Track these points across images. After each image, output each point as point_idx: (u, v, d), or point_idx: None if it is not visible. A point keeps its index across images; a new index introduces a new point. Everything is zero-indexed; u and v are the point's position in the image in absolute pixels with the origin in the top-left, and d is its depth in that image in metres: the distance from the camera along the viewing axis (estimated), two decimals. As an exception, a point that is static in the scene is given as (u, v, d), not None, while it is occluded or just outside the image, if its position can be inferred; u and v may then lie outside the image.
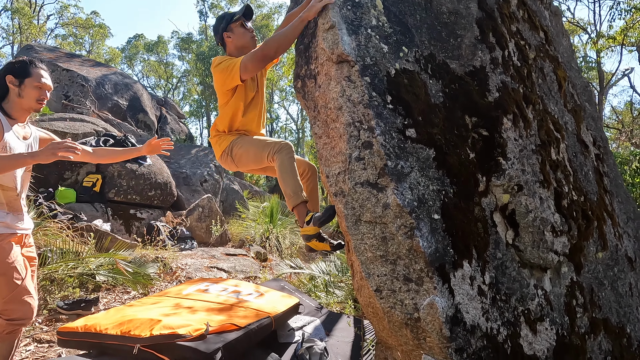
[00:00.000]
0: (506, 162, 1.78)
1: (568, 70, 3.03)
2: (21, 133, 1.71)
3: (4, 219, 1.62)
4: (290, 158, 1.71)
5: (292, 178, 1.68)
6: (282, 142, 1.75)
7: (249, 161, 1.94)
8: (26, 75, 1.65)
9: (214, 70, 1.90)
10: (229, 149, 1.98)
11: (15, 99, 1.65)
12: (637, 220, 3.31)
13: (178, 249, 4.88)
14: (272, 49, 1.72)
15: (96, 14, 25.02)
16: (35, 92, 1.66)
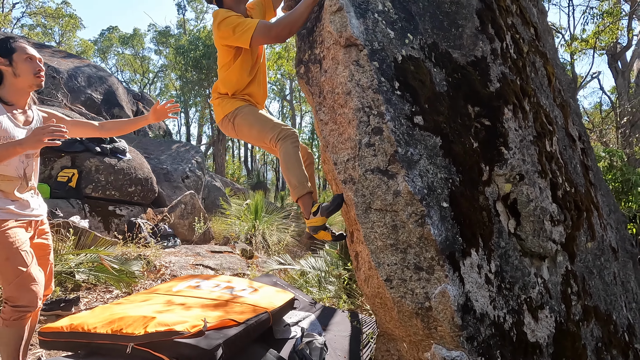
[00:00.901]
0: (508, 151, 1.79)
1: (555, 66, 3.11)
2: (21, 119, 1.60)
3: (9, 206, 1.55)
4: (295, 147, 1.65)
5: (298, 168, 1.62)
6: (288, 129, 1.69)
7: (250, 136, 1.86)
8: (11, 51, 1.55)
9: (219, 24, 1.76)
10: (233, 115, 1.88)
11: (12, 81, 1.55)
12: (617, 212, 3.45)
13: (161, 247, 4.70)
14: (285, 29, 1.64)
15: (67, 3, 23.81)
16: (29, 66, 1.56)
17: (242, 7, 1.90)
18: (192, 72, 12.92)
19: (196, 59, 12.33)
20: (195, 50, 12.46)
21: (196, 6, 23.45)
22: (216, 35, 1.81)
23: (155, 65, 27.70)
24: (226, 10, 1.79)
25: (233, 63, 1.86)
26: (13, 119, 1.57)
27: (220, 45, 1.84)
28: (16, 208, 1.58)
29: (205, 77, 12.96)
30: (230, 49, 1.83)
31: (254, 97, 1.95)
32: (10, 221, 1.54)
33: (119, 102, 12.68)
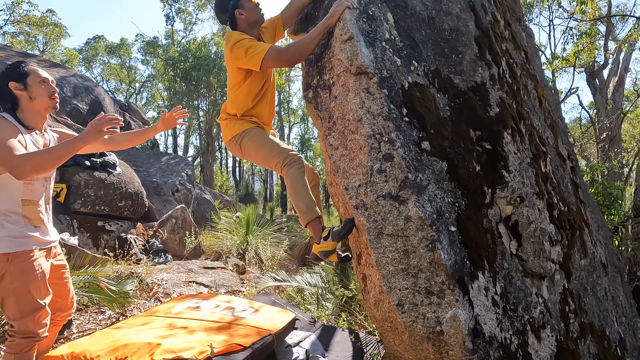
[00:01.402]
0: (508, 174, 1.85)
1: (544, 87, 3.24)
2: (40, 141, 1.61)
3: (33, 233, 1.55)
4: (301, 173, 1.67)
5: (305, 193, 1.64)
6: (294, 155, 1.70)
7: (256, 158, 1.88)
8: (25, 75, 1.56)
9: (232, 46, 1.79)
10: (240, 137, 1.90)
11: (28, 104, 1.57)
12: (604, 227, 3.57)
13: (152, 263, 4.60)
14: (295, 55, 1.68)
15: (52, 12, 23.48)
16: (44, 89, 1.58)
17: (255, 31, 1.93)
18: (181, 84, 12.85)
19: (186, 71, 12.28)
20: (185, 61, 12.43)
21: (185, 17, 23.47)
22: (228, 57, 1.84)
23: (142, 75, 27.45)
24: (239, 33, 1.82)
25: (242, 84, 1.90)
26: (35, 141, 1.58)
27: (232, 67, 1.87)
28: (40, 235, 1.58)
29: (194, 89, 12.91)
30: (240, 70, 1.86)
31: (261, 117, 1.97)
32: (35, 250, 1.54)
33: (105, 112, 12.50)
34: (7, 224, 1.49)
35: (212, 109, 13.45)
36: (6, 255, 1.45)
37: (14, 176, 1.38)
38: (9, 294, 1.47)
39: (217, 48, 13.47)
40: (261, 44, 1.75)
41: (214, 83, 12.87)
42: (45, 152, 1.41)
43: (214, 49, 13.50)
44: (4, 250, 1.45)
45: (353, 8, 1.56)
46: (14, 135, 1.45)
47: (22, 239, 1.50)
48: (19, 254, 1.48)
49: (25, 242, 1.50)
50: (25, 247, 1.50)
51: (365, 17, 1.61)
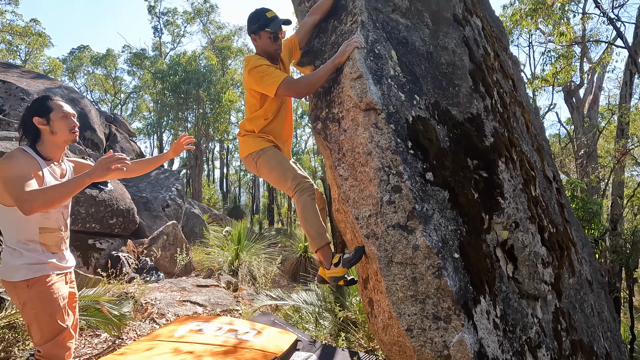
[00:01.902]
0: (504, 201, 1.97)
1: (529, 112, 3.43)
2: (57, 172, 1.68)
3: (51, 259, 1.59)
4: (312, 200, 1.74)
5: (316, 220, 1.71)
6: (306, 182, 1.77)
7: (270, 178, 1.96)
8: (49, 110, 1.63)
9: (250, 70, 1.88)
10: (257, 155, 1.98)
11: (49, 138, 1.64)
12: (587, 245, 3.75)
13: (144, 282, 4.53)
14: (305, 89, 1.78)
15: (36, 22, 23.16)
16: (65, 123, 1.65)
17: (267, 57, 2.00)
18: (170, 96, 12.81)
19: (175, 84, 12.27)
20: (174, 75, 12.42)
21: (173, 30, 23.49)
22: (245, 79, 1.94)
23: (128, 86, 27.17)
24: (257, 58, 1.91)
25: (259, 105, 1.99)
26: (52, 172, 1.63)
27: (248, 89, 1.97)
28: (57, 261, 1.61)
29: (183, 102, 12.88)
30: (256, 92, 1.95)
31: (277, 135, 2.04)
32: (52, 275, 1.57)
33: (91, 124, 12.28)
34: (26, 252, 1.53)
35: (201, 122, 13.43)
36: (26, 282, 1.50)
37: (22, 211, 1.41)
38: (32, 320, 1.50)
39: (207, 62, 13.54)
40: (276, 73, 1.84)
41: (203, 96, 12.88)
42: (52, 189, 1.45)
43: (203, 62, 13.57)
44: (23, 277, 1.49)
45: (361, 47, 1.67)
46: (30, 170, 1.50)
47: (40, 266, 1.54)
48: (37, 279, 1.52)
49: (43, 268, 1.55)
50: (43, 273, 1.54)
51: (372, 55, 1.71)
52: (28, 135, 1.62)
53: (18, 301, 1.51)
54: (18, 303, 1.52)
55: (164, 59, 21.90)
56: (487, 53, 2.62)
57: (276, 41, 1.93)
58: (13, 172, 1.45)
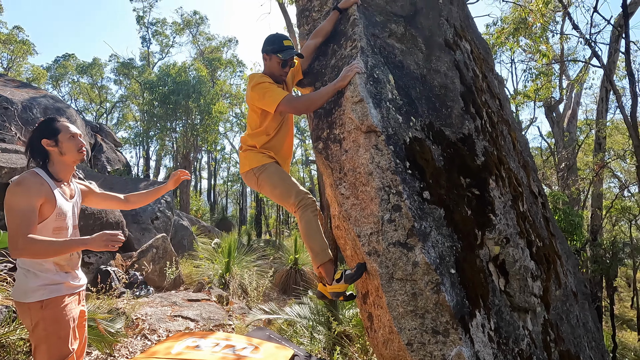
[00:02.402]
0: (495, 217, 2.06)
1: (515, 130, 3.59)
2: (67, 192, 1.72)
3: (65, 279, 1.60)
4: (315, 216, 1.79)
5: (319, 236, 1.76)
6: (308, 198, 1.83)
7: (272, 195, 2.00)
8: (57, 132, 1.67)
9: (251, 87, 1.97)
10: (259, 171, 2.01)
11: (59, 159, 1.67)
12: (571, 257, 3.90)
13: (134, 297, 4.46)
14: (304, 106, 1.87)
15: (20, 29, 22.80)
16: (72, 144, 1.69)
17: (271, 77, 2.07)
18: (159, 107, 12.75)
19: (164, 95, 12.22)
20: (163, 85, 12.38)
21: (162, 40, 23.47)
22: (248, 96, 2.01)
23: (114, 95, 26.85)
24: (261, 75, 1.98)
25: (259, 121, 2.05)
26: (63, 193, 1.67)
27: (251, 105, 2.04)
28: (71, 281, 1.63)
29: (172, 112, 12.82)
30: (258, 109, 2.02)
31: (277, 151, 2.10)
32: (66, 296, 1.58)
33: (76, 134, 12.10)
34: (40, 272, 1.55)
35: (190, 133, 13.36)
36: (40, 302, 1.51)
37: (10, 251, 1.44)
38: (42, 342, 1.50)
39: (197, 73, 13.56)
40: (278, 91, 1.92)
41: (193, 107, 12.86)
42: (46, 244, 1.46)
43: (193, 73, 13.59)
44: (38, 298, 1.51)
45: (362, 72, 1.76)
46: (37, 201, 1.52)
47: (55, 286, 1.56)
48: (52, 300, 1.53)
49: (58, 289, 1.56)
50: (58, 294, 1.55)
51: (372, 80, 1.80)
52: (37, 157, 1.66)
53: (30, 322, 1.51)
54: (30, 324, 1.52)
55: (152, 68, 21.80)
56: (476, 75, 2.76)
57: (284, 68, 2.02)
58: (19, 204, 1.47)
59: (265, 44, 2.05)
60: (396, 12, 2.28)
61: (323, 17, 2.28)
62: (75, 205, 1.75)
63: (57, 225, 1.60)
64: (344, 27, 2.07)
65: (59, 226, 1.61)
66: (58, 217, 1.60)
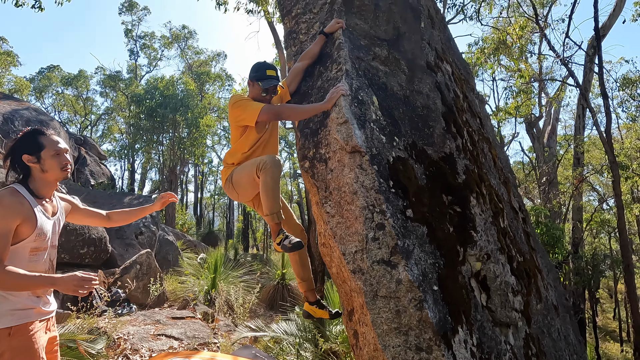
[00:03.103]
0: (476, 234, 2.13)
1: (496, 147, 3.71)
2: (49, 210, 1.64)
3: (37, 304, 1.52)
4: (272, 176, 1.87)
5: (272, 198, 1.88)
6: (266, 158, 1.90)
7: (247, 186, 2.06)
8: (40, 147, 1.57)
9: (231, 106, 2.08)
10: (231, 176, 2.12)
11: (40, 175, 1.59)
12: (552, 271, 4.00)
13: (115, 315, 4.35)
14: (287, 115, 1.99)
15: (3, 40, 22.53)
16: (56, 161, 1.60)
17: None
18: (145, 120, 12.67)
19: (151, 108, 12.16)
20: (151, 99, 12.34)
21: (150, 53, 23.47)
22: (230, 114, 2.11)
23: (99, 107, 26.54)
24: (240, 95, 2.09)
25: (240, 138, 2.14)
26: (44, 210, 1.60)
27: (232, 124, 2.14)
28: (42, 306, 1.55)
29: (159, 125, 12.75)
30: (239, 127, 2.11)
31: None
32: (35, 322, 1.50)
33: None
34: (11, 296, 1.46)
35: (177, 146, 13.28)
36: (8, 329, 1.41)
37: None
38: None
39: (185, 87, 13.58)
40: (257, 104, 2.02)
41: (180, 121, 12.82)
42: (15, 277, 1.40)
43: (181, 87, 13.60)
44: (5, 324, 1.41)
45: (347, 95, 1.82)
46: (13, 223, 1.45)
47: (25, 312, 1.47)
48: (20, 327, 1.44)
49: (27, 315, 1.48)
50: (27, 320, 1.47)
51: (357, 102, 1.87)
52: (17, 171, 1.57)
53: None
54: None
55: (140, 81, 21.70)
56: (457, 96, 2.88)
57: (265, 96, 2.11)
58: None
59: (251, 71, 2.17)
60: (380, 36, 2.37)
61: (310, 39, 2.36)
62: (57, 222, 1.67)
63: (35, 245, 1.53)
64: (330, 50, 2.15)
65: (37, 247, 1.54)
66: (38, 237, 1.53)
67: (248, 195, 2.16)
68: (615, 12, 10.03)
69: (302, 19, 2.44)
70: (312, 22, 2.39)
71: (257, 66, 2.16)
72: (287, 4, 2.58)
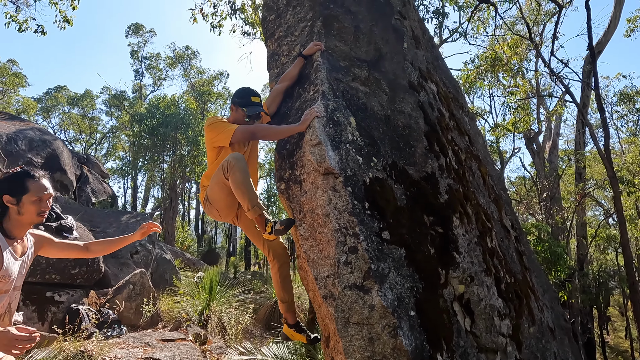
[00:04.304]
0: (459, 255, 2.07)
1: (487, 164, 3.68)
2: (18, 250, 1.60)
3: None
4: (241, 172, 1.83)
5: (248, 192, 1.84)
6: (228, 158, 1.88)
7: (220, 197, 2.04)
8: (23, 192, 1.54)
9: (206, 127, 2.10)
10: (206, 195, 2.11)
11: (15, 217, 1.56)
12: (549, 291, 3.88)
13: (104, 337, 4.27)
14: (261, 134, 2.00)
15: (14, 62, 23.15)
16: (34, 207, 1.56)
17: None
18: (147, 138, 12.83)
19: (153, 127, 12.33)
20: (152, 118, 12.53)
21: (154, 73, 23.98)
22: (206, 137, 2.13)
23: (105, 126, 26.98)
24: (217, 118, 2.11)
25: (216, 159, 2.14)
26: (13, 252, 1.56)
27: (208, 145, 2.15)
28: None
29: (160, 144, 12.89)
30: (215, 148, 2.13)
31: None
32: None
33: (62, 166, 12.02)
34: None
35: (177, 164, 13.38)
36: None
37: None
38: None
39: (186, 106, 13.80)
40: (232, 125, 2.03)
41: (181, 139, 12.97)
42: None
43: (183, 106, 13.82)
44: None
45: (321, 117, 1.82)
46: None
47: None
48: None
49: None
50: None
51: (332, 123, 1.86)
52: None
53: None
54: None
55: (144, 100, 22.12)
56: (442, 114, 2.87)
57: (248, 121, 2.13)
58: None
59: (235, 96, 2.18)
60: (360, 57, 2.39)
61: (291, 61, 2.38)
62: (24, 263, 1.62)
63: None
64: (309, 72, 2.16)
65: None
66: (1, 279, 1.48)
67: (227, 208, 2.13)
68: (610, 29, 10.14)
69: (284, 41, 2.48)
70: (294, 44, 2.42)
71: (242, 92, 2.18)
72: (270, 27, 2.63)
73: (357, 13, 2.49)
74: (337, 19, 2.35)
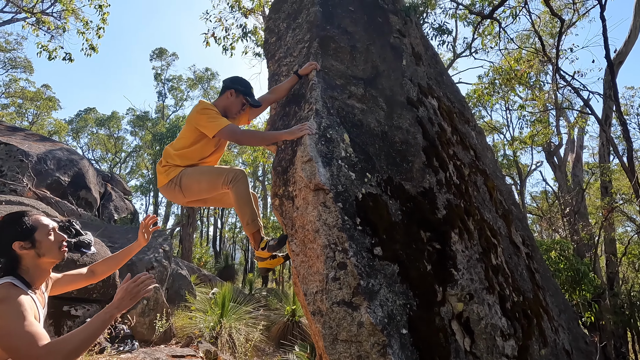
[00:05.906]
0: (457, 272, 2.03)
1: (495, 179, 3.60)
2: (42, 301, 1.44)
3: None
4: (245, 187, 1.90)
5: (249, 207, 1.91)
6: (236, 170, 1.93)
7: (200, 190, 2.04)
8: (32, 230, 1.37)
9: (198, 109, 2.06)
10: (178, 178, 2.07)
11: (35, 262, 1.37)
12: (567, 311, 3.70)
13: (116, 352, 4.34)
14: (246, 139, 2.07)
15: (47, 87, 24.65)
16: (52, 241, 1.40)
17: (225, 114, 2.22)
18: (167, 157, 13.24)
19: (172, 145, 12.75)
20: (172, 137, 12.97)
21: (176, 94, 24.96)
22: (192, 117, 2.09)
23: (130, 145, 28.11)
24: (211, 105, 2.11)
25: (196, 144, 2.12)
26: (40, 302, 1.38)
27: (191, 124, 2.10)
28: None
29: (179, 162, 13.26)
30: (196, 131, 2.09)
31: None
32: None
33: (87, 184, 12.54)
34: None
35: (196, 181, 13.69)
36: None
37: None
38: None
39: (204, 125, 14.26)
40: (223, 120, 2.05)
41: (199, 157, 13.31)
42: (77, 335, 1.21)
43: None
44: None
45: (312, 134, 1.86)
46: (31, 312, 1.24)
47: None
48: None
49: None
50: None
51: (324, 140, 1.90)
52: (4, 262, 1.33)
53: None
54: None
55: (166, 120, 22.99)
56: (443, 129, 2.86)
57: (242, 108, 2.20)
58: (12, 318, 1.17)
59: (236, 83, 2.22)
60: (357, 75, 2.44)
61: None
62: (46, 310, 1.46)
63: None
64: (304, 91, 2.23)
65: None
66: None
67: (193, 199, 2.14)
68: (630, 39, 9.87)
69: (284, 62, 2.57)
70: (292, 64, 2.50)
71: (245, 82, 2.25)
72: (271, 48, 2.73)
73: (353, 33, 2.56)
74: (333, 39, 2.42)
